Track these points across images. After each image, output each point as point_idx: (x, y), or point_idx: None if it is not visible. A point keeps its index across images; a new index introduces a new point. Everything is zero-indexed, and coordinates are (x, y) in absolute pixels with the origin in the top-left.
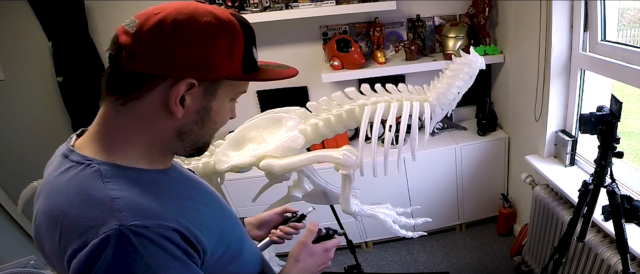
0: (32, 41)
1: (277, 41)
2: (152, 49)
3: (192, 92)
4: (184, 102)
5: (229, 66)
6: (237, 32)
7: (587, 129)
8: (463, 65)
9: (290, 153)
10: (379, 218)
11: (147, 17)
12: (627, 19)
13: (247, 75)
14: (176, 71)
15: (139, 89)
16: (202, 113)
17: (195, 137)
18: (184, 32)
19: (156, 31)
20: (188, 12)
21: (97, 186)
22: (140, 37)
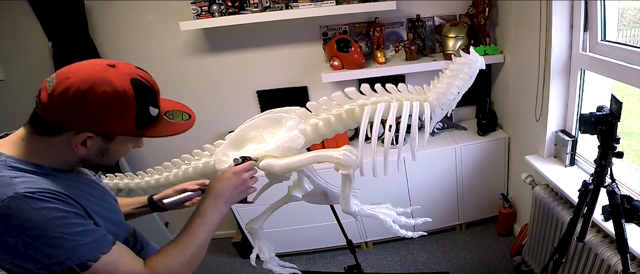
0: (32, 41)
1: (277, 41)
2: (59, 110)
3: (92, 139)
4: (87, 143)
5: (121, 125)
6: (128, 100)
7: (587, 129)
8: (463, 65)
9: (290, 153)
10: (379, 217)
11: (60, 80)
12: (627, 19)
13: (139, 130)
14: (77, 128)
15: (51, 133)
16: (102, 150)
17: (97, 162)
18: (82, 102)
19: (62, 98)
20: (90, 83)
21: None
22: (51, 99)
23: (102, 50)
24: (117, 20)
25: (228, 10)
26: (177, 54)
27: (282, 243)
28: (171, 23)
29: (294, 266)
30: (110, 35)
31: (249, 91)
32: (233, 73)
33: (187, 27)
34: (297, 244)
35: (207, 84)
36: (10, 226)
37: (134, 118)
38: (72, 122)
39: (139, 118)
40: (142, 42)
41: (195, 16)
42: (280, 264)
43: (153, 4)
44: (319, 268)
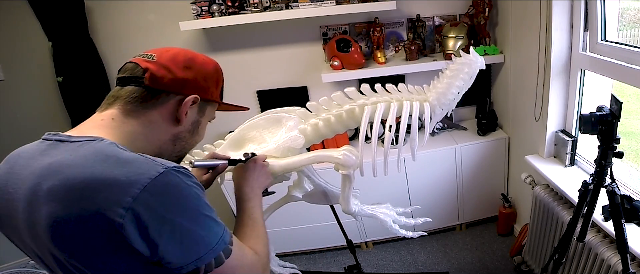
0: (32, 41)
1: (277, 41)
2: (172, 72)
3: (193, 107)
4: (186, 113)
5: (216, 93)
6: (220, 70)
7: (587, 129)
8: (463, 65)
9: (290, 153)
10: (379, 217)
11: (161, 52)
12: (627, 19)
13: (221, 102)
14: (186, 90)
15: (157, 99)
16: (194, 125)
17: (184, 144)
18: (193, 63)
19: (174, 61)
20: (191, 52)
21: (120, 152)
22: (162, 64)
23: (102, 50)
24: (117, 20)
25: (228, 10)
26: None
27: (282, 243)
28: (171, 23)
29: (294, 266)
30: (110, 35)
31: (249, 91)
32: (233, 73)
33: (187, 27)
34: (297, 244)
35: None
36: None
37: (221, 88)
38: (185, 84)
39: (221, 91)
40: (142, 42)
41: (195, 16)
42: (280, 264)
43: (153, 4)
44: (319, 268)
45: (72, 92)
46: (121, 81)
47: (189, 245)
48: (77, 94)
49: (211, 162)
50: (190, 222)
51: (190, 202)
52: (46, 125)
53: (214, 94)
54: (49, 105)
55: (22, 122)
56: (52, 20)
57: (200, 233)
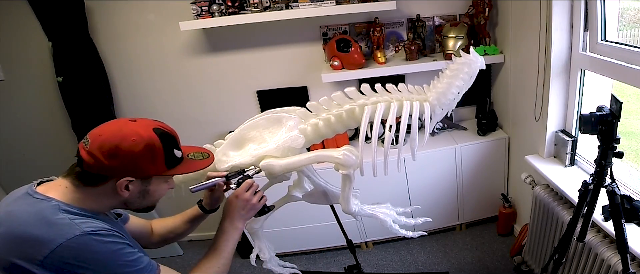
0: (32, 41)
1: (277, 41)
2: (99, 162)
3: (133, 183)
4: (129, 188)
5: (153, 167)
6: (154, 145)
7: (587, 129)
8: (463, 65)
9: (291, 153)
10: (379, 217)
11: (94, 137)
12: (627, 19)
13: (169, 170)
14: (117, 174)
15: (96, 183)
16: (142, 193)
17: (138, 205)
18: (118, 152)
19: (100, 152)
20: (120, 136)
21: (56, 214)
22: (91, 155)
23: (102, 50)
24: (117, 20)
25: (228, 10)
26: (177, 54)
27: (282, 243)
28: (171, 23)
29: (294, 266)
30: (110, 35)
31: (249, 91)
32: (233, 73)
33: (187, 27)
34: (297, 244)
35: (207, 84)
36: (82, 258)
37: (163, 160)
38: (113, 171)
39: (167, 160)
40: (142, 42)
41: (195, 16)
42: (280, 264)
43: (153, 4)
44: (319, 268)
45: (72, 92)
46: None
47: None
48: (77, 94)
49: (207, 184)
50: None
51: (99, 257)
52: (46, 125)
53: (150, 170)
54: (49, 105)
55: (22, 122)
56: (52, 20)
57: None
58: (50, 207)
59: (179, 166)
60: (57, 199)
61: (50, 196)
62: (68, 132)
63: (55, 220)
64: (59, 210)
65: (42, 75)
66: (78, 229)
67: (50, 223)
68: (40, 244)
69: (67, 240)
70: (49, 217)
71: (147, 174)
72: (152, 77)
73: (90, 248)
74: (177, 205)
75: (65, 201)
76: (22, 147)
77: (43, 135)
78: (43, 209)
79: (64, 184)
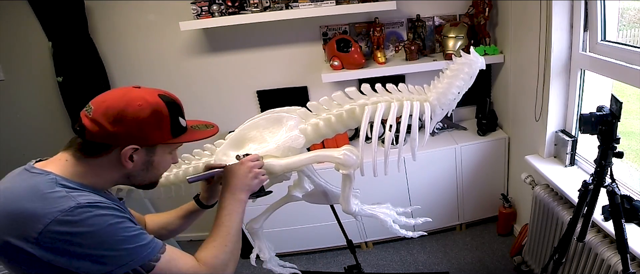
0: (32, 41)
1: (277, 41)
2: (105, 130)
3: (137, 152)
4: (133, 158)
5: (159, 134)
6: (162, 111)
7: (587, 129)
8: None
9: (291, 153)
10: (379, 217)
11: (97, 104)
12: (627, 19)
13: (175, 138)
14: (122, 142)
15: (99, 153)
16: (146, 164)
17: (141, 178)
18: (123, 117)
19: (105, 118)
20: (125, 101)
21: (52, 188)
22: (95, 121)
23: (102, 50)
24: (117, 20)
25: (228, 10)
26: (177, 54)
27: (282, 243)
28: (171, 23)
29: (294, 266)
30: (110, 35)
31: (249, 91)
32: (233, 73)
33: (187, 27)
34: (297, 244)
35: (207, 84)
36: (77, 232)
37: (169, 128)
38: (118, 138)
39: (173, 128)
40: (142, 42)
41: (195, 16)
42: (280, 264)
43: (153, 4)
44: (319, 268)
45: (72, 92)
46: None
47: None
48: (77, 94)
49: (205, 174)
50: (98, 245)
51: (96, 229)
52: (46, 125)
53: (156, 137)
54: (49, 105)
55: (22, 122)
56: (52, 20)
57: (109, 253)
58: (47, 180)
59: (184, 134)
60: (55, 173)
61: (48, 170)
62: (68, 132)
63: (51, 193)
64: (56, 184)
65: (42, 75)
66: (74, 201)
67: (44, 197)
68: (34, 219)
69: (61, 213)
70: (44, 191)
71: (152, 141)
72: (152, 77)
73: (86, 221)
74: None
75: (64, 175)
76: (22, 147)
77: (43, 135)
78: (38, 183)
79: (64, 158)
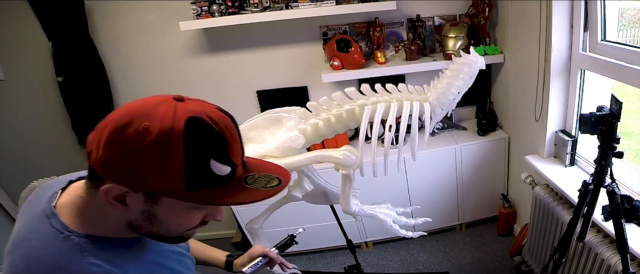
0: (32, 41)
1: (277, 41)
2: (97, 150)
3: (131, 195)
4: (125, 201)
5: (162, 180)
6: (173, 143)
7: (587, 129)
8: (463, 66)
9: (291, 153)
10: (379, 217)
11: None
12: (627, 19)
13: (190, 192)
14: (109, 176)
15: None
16: (147, 214)
17: (150, 231)
18: (116, 140)
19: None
20: (130, 117)
21: (76, 261)
22: (95, 135)
23: (102, 50)
24: (117, 20)
25: (228, 10)
26: (177, 54)
27: None
28: (171, 23)
29: (295, 267)
30: (110, 35)
31: (249, 91)
32: (233, 73)
33: (187, 27)
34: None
35: (207, 84)
36: None
37: (182, 173)
38: (105, 168)
39: (191, 174)
40: (142, 42)
41: (195, 16)
42: None
43: (153, 4)
44: (319, 268)
45: (72, 92)
46: None
47: None
48: (77, 94)
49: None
50: None
51: None
52: (46, 125)
53: (154, 183)
54: (49, 105)
55: (22, 122)
56: (52, 20)
57: None
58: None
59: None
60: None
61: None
62: (68, 132)
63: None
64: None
65: (42, 75)
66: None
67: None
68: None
69: None
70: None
71: (150, 187)
72: (152, 77)
73: None
74: None
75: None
76: (22, 147)
77: (43, 135)
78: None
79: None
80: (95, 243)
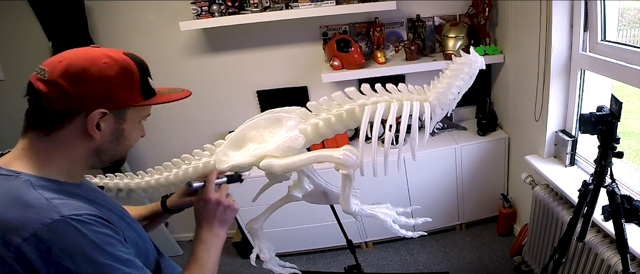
0: (32, 41)
1: (277, 41)
2: (64, 92)
3: (105, 119)
4: (100, 126)
5: (131, 96)
6: (131, 68)
7: (587, 129)
8: (463, 65)
9: (291, 153)
10: (379, 217)
11: (53, 65)
12: (627, 19)
13: (147, 100)
14: (88, 106)
15: (60, 123)
16: (116, 134)
17: (112, 153)
18: (87, 76)
19: (65, 78)
20: (88, 58)
21: (29, 192)
22: (52, 83)
23: None
24: (117, 20)
25: (228, 10)
26: (177, 54)
27: (282, 243)
28: (171, 23)
29: (294, 266)
30: (110, 35)
31: (249, 91)
32: (233, 73)
33: (187, 27)
34: (297, 244)
35: (207, 84)
36: (54, 252)
37: (139, 88)
38: (82, 101)
39: (143, 88)
40: (142, 42)
41: (195, 16)
42: (280, 264)
43: (153, 4)
44: (319, 268)
45: None
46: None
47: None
48: None
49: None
50: (80, 266)
51: (80, 249)
52: None
53: (127, 99)
54: None
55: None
56: (52, 20)
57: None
58: (21, 184)
59: (155, 97)
60: (26, 172)
61: (16, 168)
62: None
63: (29, 200)
64: (32, 187)
65: None
66: (56, 213)
67: (23, 204)
68: (13, 230)
69: (43, 226)
70: (21, 197)
71: (122, 103)
72: (152, 77)
73: (66, 239)
74: None
75: (36, 173)
76: None
77: None
78: (12, 187)
79: (24, 146)
80: (44, 181)
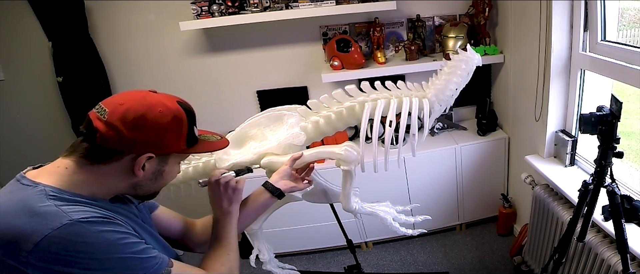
0: (32, 41)
1: (277, 41)
2: (120, 134)
3: (150, 161)
4: (144, 167)
5: (177, 144)
6: (182, 119)
7: (587, 129)
8: (460, 62)
9: (292, 150)
10: (379, 215)
11: (114, 107)
12: (627, 19)
13: (190, 148)
14: (138, 149)
15: (108, 159)
16: (156, 174)
17: (147, 189)
18: (143, 122)
19: (123, 121)
20: (145, 105)
21: (42, 201)
22: (110, 124)
23: (102, 50)
24: (117, 20)
25: (228, 10)
26: (177, 54)
27: (282, 243)
28: (171, 23)
29: (294, 268)
30: (110, 35)
31: (249, 91)
32: (233, 73)
33: (187, 27)
34: (297, 244)
35: (207, 84)
36: (70, 254)
37: (185, 137)
38: (134, 144)
39: (189, 137)
40: (142, 42)
41: (195, 16)
42: (280, 265)
43: (153, 4)
44: (319, 268)
45: (72, 92)
46: (81, 134)
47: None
48: (77, 94)
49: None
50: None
51: (95, 248)
52: (46, 125)
53: (173, 146)
54: (49, 105)
55: (22, 122)
56: (52, 20)
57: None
58: (36, 194)
59: (198, 145)
60: (46, 184)
61: (39, 181)
62: (68, 132)
63: (40, 209)
64: (46, 197)
65: (42, 75)
66: (66, 218)
67: (33, 213)
68: (24, 238)
69: (53, 231)
70: (32, 206)
71: (169, 150)
72: (152, 77)
73: (82, 239)
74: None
75: (58, 185)
76: (22, 147)
77: (43, 135)
78: (27, 197)
79: (63, 165)
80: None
